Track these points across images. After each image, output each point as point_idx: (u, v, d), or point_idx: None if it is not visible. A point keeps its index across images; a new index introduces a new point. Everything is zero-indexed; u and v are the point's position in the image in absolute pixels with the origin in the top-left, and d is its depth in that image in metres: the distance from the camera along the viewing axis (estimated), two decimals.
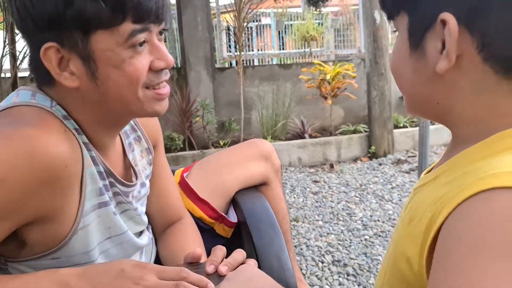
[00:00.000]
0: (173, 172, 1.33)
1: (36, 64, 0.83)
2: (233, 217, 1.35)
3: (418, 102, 0.62)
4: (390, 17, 0.63)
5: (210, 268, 0.83)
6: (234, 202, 1.36)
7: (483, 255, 0.41)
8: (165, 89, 0.89)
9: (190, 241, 1.13)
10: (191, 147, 4.70)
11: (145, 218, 1.08)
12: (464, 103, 0.56)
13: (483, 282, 0.40)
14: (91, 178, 0.87)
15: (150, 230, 1.16)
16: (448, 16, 0.52)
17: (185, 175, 1.35)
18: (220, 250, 0.89)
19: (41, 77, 0.85)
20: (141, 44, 0.81)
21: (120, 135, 1.00)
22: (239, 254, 0.89)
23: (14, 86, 3.28)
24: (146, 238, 1.09)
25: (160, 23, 0.84)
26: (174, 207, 1.19)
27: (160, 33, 0.86)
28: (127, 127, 1.03)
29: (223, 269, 0.82)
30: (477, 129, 0.55)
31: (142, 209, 1.06)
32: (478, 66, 0.53)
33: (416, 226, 0.52)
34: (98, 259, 0.94)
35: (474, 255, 0.41)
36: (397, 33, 0.63)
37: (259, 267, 0.88)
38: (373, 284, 2.14)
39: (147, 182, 1.08)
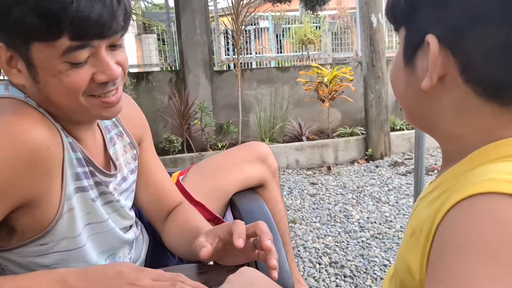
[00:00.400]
0: (170, 174, 1.34)
1: None
2: (230, 219, 1.37)
3: (410, 113, 0.65)
4: (395, 29, 0.65)
5: (239, 242, 0.84)
6: (231, 204, 1.38)
7: (470, 257, 0.43)
8: (113, 97, 0.88)
9: (192, 216, 1.15)
10: (190, 150, 4.71)
11: (131, 213, 1.10)
12: (448, 120, 0.58)
13: (471, 283, 0.42)
14: (70, 163, 0.90)
15: (139, 228, 1.18)
16: (430, 38, 0.54)
17: (180, 178, 1.37)
18: (241, 224, 0.89)
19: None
20: (80, 62, 0.81)
21: (100, 129, 1.03)
22: (242, 226, 0.89)
23: None
24: (132, 233, 1.10)
25: (105, 38, 0.82)
26: (171, 194, 1.20)
27: (114, 46, 0.85)
28: (108, 123, 1.06)
29: (239, 242, 0.84)
30: (461, 146, 0.57)
31: (126, 203, 1.07)
32: (460, 87, 0.55)
33: (418, 238, 0.54)
34: (86, 246, 0.96)
35: (462, 257, 0.44)
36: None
37: (257, 268, 0.89)
38: (370, 286, 2.16)
39: (131, 177, 1.10)
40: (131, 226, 1.11)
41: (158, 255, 1.24)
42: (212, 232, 0.91)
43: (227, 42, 6.16)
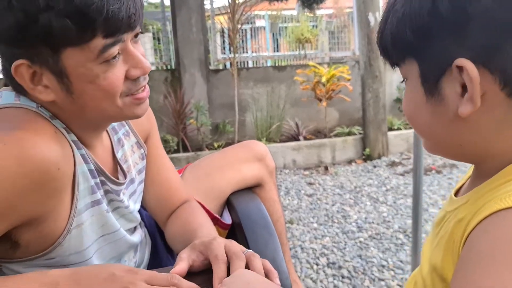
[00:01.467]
0: None
1: (9, 75, 0.80)
2: (227, 219, 1.34)
3: (439, 143, 0.62)
4: (395, 64, 0.62)
5: None
6: (228, 203, 1.35)
7: (499, 266, 0.43)
8: (144, 92, 0.87)
9: (194, 216, 1.11)
10: (185, 149, 4.68)
11: (137, 215, 1.07)
12: (488, 140, 0.56)
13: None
14: (83, 177, 0.87)
15: (144, 228, 1.15)
16: (464, 62, 0.51)
17: None
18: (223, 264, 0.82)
19: (17, 87, 0.83)
20: (114, 57, 0.79)
21: (107, 131, 1.00)
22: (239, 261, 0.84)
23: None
24: (138, 235, 1.08)
25: (134, 30, 0.80)
26: (176, 193, 1.17)
27: (136, 35, 0.84)
28: (115, 123, 1.02)
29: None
30: (500, 161, 0.55)
31: (135, 206, 1.05)
32: (503, 102, 0.53)
33: (451, 248, 0.55)
34: (93, 258, 0.93)
35: (491, 265, 0.44)
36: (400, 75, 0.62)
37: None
38: (368, 287, 2.13)
39: (139, 177, 1.07)
40: (135, 228, 1.09)
41: (158, 257, 1.22)
42: (199, 247, 0.87)
43: (223, 41, 6.12)
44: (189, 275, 0.82)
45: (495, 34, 0.50)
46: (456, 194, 0.67)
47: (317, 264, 2.43)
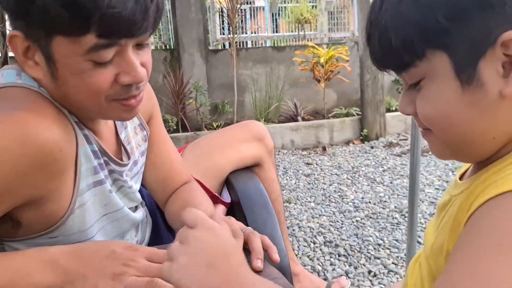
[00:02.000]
0: None
1: None
2: (226, 198, 1.36)
3: (469, 142, 0.57)
4: (405, 68, 0.57)
5: (258, 264, 0.82)
6: (227, 182, 1.37)
7: (499, 247, 0.43)
8: (134, 100, 0.82)
9: (193, 196, 1.11)
10: (184, 129, 4.70)
11: (138, 196, 1.08)
12: None
13: (494, 269, 0.42)
14: (85, 157, 0.86)
15: (145, 207, 1.16)
16: None
17: None
18: (258, 241, 0.86)
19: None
20: (105, 62, 0.75)
21: None
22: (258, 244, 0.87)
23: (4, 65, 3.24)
24: (141, 213, 1.09)
25: (136, 37, 0.75)
26: (179, 173, 1.17)
27: (141, 45, 0.79)
28: None
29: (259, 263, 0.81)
30: None
31: (136, 186, 1.05)
32: None
33: (459, 227, 0.54)
34: (96, 236, 0.94)
35: (492, 246, 0.44)
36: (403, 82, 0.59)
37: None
38: (364, 265, 2.17)
39: (142, 159, 1.07)
40: (136, 207, 1.10)
41: (159, 236, 1.23)
42: None
43: (222, 21, 6.09)
44: None
45: None
46: (461, 178, 0.66)
47: (314, 243, 2.47)
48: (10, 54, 4.16)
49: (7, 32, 3.27)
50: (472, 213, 0.48)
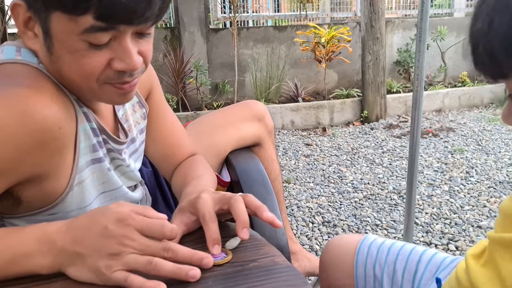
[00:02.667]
0: None
1: None
2: (226, 177, 1.37)
3: None
4: (499, 77, 0.53)
5: (244, 234, 0.75)
6: (227, 162, 1.38)
7: None
8: (127, 85, 0.81)
9: (193, 170, 1.09)
10: (185, 109, 4.69)
11: (138, 174, 1.08)
12: None
13: None
14: (84, 135, 0.86)
15: (144, 186, 1.17)
16: None
17: None
18: (242, 206, 0.78)
19: None
20: (101, 45, 0.74)
21: None
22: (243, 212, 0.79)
23: (3, 42, 3.23)
24: (140, 192, 1.09)
25: (135, 25, 0.74)
26: (182, 147, 1.17)
27: (141, 34, 0.78)
28: None
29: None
30: None
31: (135, 165, 1.06)
32: None
33: None
34: None
35: None
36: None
37: (251, 226, 0.88)
38: None
39: (140, 137, 1.07)
40: (136, 186, 1.10)
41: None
42: (188, 208, 0.83)
43: (223, 0, 6.03)
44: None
45: None
46: None
47: (312, 223, 2.49)
48: (10, 30, 4.13)
49: (6, 8, 3.23)
50: None
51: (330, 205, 2.71)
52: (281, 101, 5.04)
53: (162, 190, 1.31)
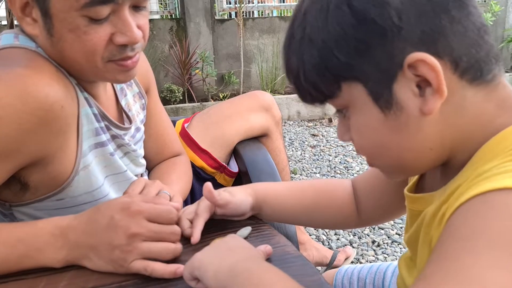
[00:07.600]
0: (174, 122, 1.34)
1: None
2: (234, 167, 1.38)
3: (409, 160, 0.57)
4: (327, 98, 0.58)
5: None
6: (235, 152, 1.38)
7: (478, 246, 0.41)
8: (130, 61, 0.82)
9: (170, 172, 1.11)
10: (191, 100, 4.69)
11: (143, 161, 1.09)
12: (453, 128, 0.54)
13: (474, 268, 0.41)
14: (86, 118, 0.87)
15: (146, 174, 1.18)
16: (419, 55, 0.49)
17: (186, 125, 1.37)
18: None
19: None
20: (100, 19, 0.75)
21: None
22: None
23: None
24: (145, 178, 1.10)
25: None
26: (170, 146, 1.19)
27: (138, 7, 0.80)
28: None
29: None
30: (470, 145, 0.54)
31: (140, 152, 1.07)
32: (457, 86, 0.52)
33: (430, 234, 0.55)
34: (110, 195, 0.95)
35: (469, 245, 0.42)
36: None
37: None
38: (368, 235, 2.20)
39: (142, 127, 1.09)
40: (142, 175, 1.11)
41: None
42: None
43: None
44: None
45: (431, 15, 0.49)
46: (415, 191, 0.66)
47: None
48: (17, 22, 4.13)
49: None
50: (448, 217, 0.47)
51: None
52: (287, 91, 5.03)
53: None
